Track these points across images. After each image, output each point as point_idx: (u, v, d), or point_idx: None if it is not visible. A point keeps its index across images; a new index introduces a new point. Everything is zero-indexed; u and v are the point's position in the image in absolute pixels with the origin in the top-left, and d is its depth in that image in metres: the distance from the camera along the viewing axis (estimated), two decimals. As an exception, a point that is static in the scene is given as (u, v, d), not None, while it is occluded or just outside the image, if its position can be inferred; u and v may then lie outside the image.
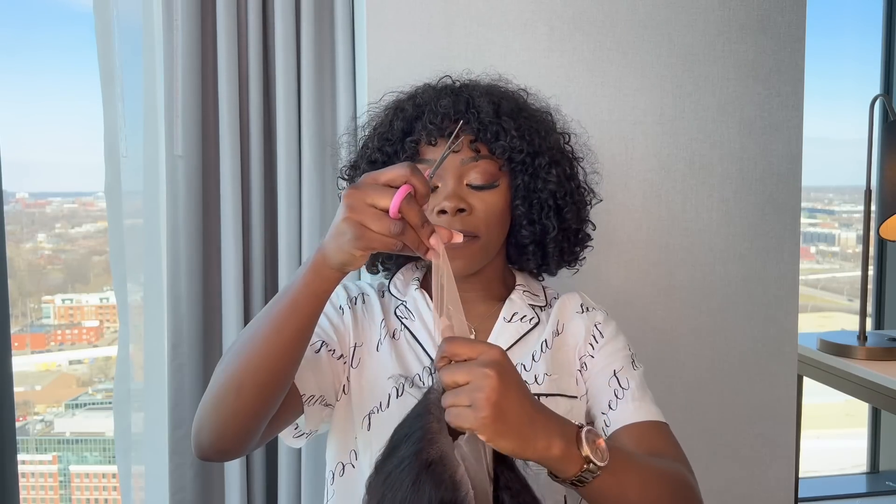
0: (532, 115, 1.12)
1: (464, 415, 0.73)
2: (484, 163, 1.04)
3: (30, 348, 3.24)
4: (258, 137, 1.50)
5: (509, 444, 0.74)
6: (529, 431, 0.75)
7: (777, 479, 1.64)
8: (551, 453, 0.76)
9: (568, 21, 1.49)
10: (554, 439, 0.76)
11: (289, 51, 1.49)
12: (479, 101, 1.06)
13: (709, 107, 1.55)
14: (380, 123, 1.12)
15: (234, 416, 0.85)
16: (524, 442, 0.75)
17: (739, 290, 1.59)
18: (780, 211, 1.59)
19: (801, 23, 1.57)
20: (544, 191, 1.07)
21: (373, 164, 1.08)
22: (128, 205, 1.55)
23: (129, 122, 1.52)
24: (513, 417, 0.74)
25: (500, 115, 1.06)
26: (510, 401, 0.74)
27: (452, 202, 1.00)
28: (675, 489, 0.90)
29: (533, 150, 1.07)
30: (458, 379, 0.74)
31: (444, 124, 1.03)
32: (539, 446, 0.76)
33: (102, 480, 3.40)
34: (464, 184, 1.03)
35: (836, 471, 2.60)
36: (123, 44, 1.51)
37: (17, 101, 3.38)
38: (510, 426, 0.74)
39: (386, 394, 1.02)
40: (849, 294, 2.90)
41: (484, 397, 0.72)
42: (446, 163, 1.03)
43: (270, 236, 1.55)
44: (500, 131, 1.04)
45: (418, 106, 1.08)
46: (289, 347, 0.83)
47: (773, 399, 1.63)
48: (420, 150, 1.05)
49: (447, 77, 1.15)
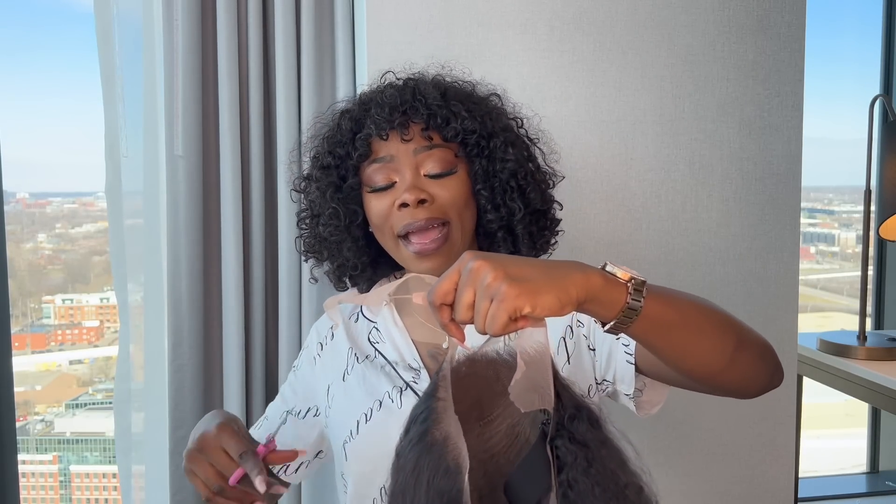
0: (481, 100, 1.09)
1: (495, 312, 0.66)
2: (438, 151, 1.01)
3: (30, 348, 3.24)
4: (258, 137, 1.50)
5: (550, 294, 0.67)
6: (558, 275, 0.69)
7: (777, 479, 1.64)
8: (593, 282, 0.70)
9: (568, 21, 1.49)
10: (587, 272, 0.70)
11: (289, 51, 1.49)
12: (425, 89, 1.04)
13: (709, 107, 1.55)
14: (327, 130, 1.09)
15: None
16: (561, 286, 0.68)
17: (739, 290, 1.59)
18: (779, 211, 1.59)
19: (801, 23, 1.57)
20: (504, 171, 1.04)
21: (325, 170, 1.06)
22: (128, 205, 1.55)
23: (129, 122, 1.52)
24: (532, 274, 0.68)
25: (447, 100, 1.03)
26: (516, 266, 0.69)
27: (413, 194, 0.98)
28: (725, 312, 0.82)
29: (486, 132, 1.04)
30: (466, 299, 0.68)
31: (392, 116, 1.01)
32: (578, 281, 0.69)
33: (102, 480, 3.40)
34: (421, 174, 1.01)
35: (836, 471, 2.60)
36: (123, 44, 1.51)
37: (18, 101, 3.38)
38: (537, 282, 0.68)
39: (355, 421, 1.02)
40: (849, 294, 2.90)
41: (493, 281, 0.67)
42: (400, 155, 1.01)
43: (270, 236, 1.55)
44: (449, 115, 1.02)
45: (363, 103, 1.06)
46: None
47: (773, 399, 1.62)
48: (372, 147, 1.03)
49: (389, 73, 1.12)
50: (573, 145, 1.50)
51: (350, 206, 1.05)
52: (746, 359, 0.82)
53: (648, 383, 0.99)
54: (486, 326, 0.67)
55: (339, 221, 1.06)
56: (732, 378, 0.83)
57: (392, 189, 1.01)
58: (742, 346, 0.81)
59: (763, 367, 0.85)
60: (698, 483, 1.60)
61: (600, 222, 1.54)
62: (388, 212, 1.01)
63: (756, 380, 0.86)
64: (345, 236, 1.07)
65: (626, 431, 0.91)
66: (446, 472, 0.68)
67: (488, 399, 0.72)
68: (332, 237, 1.07)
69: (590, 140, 1.51)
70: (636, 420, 1.56)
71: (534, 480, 0.70)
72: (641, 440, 1.56)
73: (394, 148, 1.01)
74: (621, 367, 0.98)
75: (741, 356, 0.81)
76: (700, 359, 0.80)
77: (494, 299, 0.67)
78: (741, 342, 0.81)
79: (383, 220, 1.02)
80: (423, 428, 0.70)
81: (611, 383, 1.01)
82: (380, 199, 1.02)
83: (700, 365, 0.80)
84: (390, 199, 1.01)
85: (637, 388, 0.98)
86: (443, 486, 0.68)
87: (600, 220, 1.53)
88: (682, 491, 1.59)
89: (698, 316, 0.78)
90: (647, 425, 1.57)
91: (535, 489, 0.69)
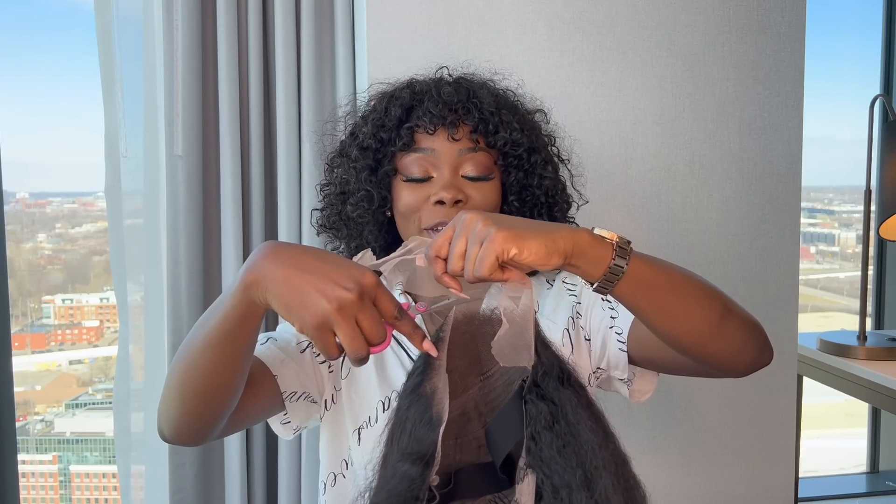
0: (528, 114, 1.12)
1: (484, 254, 0.70)
2: (481, 154, 1.03)
3: (30, 348, 3.24)
4: (258, 137, 1.50)
5: (537, 242, 0.71)
6: (546, 229, 0.73)
7: (777, 479, 1.64)
8: (581, 237, 0.73)
9: (568, 21, 1.49)
10: (574, 230, 0.74)
11: (289, 51, 1.49)
12: (480, 93, 1.06)
13: (709, 107, 1.55)
14: (372, 110, 1.09)
15: (183, 417, 0.84)
16: (548, 237, 0.72)
17: (739, 290, 1.59)
18: (780, 211, 1.59)
19: (801, 23, 1.57)
20: (540, 187, 1.07)
21: (364, 151, 1.06)
22: (128, 205, 1.55)
23: (129, 122, 1.52)
24: (521, 224, 0.72)
25: (499, 108, 1.05)
26: (507, 218, 0.73)
27: (451, 193, 0.99)
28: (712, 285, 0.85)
29: (530, 146, 1.06)
30: (459, 248, 0.72)
31: (444, 113, 1.02)
32: (566, 234, 0.73)
33: (102, 480, 3.40)
34: (459, 174, 1.02)
35: (836, 471, 2.60)
36: (123, 44, 1.51)
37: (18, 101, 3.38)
38: (525, 230, 0.71)
39: (374, 407, 1.01)
40: (849, 294, 2.90)
41: (483, 227, 0.71)
42: (443, 152, 1.02)
43: (270, 236, 1.55)
44: (500, 124, 1.04)
45: (417, 94, 1.06)
46: (225, 360, 0.79)
47: (773, 399, 1.63)
48: (415, 139, 1.03)
49: (444, 68, 1.13)
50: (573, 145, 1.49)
51: (382, 192, 1.06)
52: (733, 328, 0.83)
53: (638, 373, 1.02)
54: (475, 269, 0.70)
55: (370, 205, 1.06)
56: (720, 347, 0.84)
57: (428, 183, 1.02)
58: (728, 314, 0.83)
59: (750, 340, 0.86)
60: (698, 483, 1.60)
61: (600, 222, 1.53)
62: (420, 205, 1.02)
63: (744, 352, 0.86)
64: (370, 219, 1.07)
65: (627, 430, 0.90)
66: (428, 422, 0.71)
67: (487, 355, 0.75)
68: (360, 219, 1.07)
69: (590, 140, 1.51)
70: (636, 420, 1.57)
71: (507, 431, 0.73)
72: (641, 440, 1.57)
73: (438, 143, 1.02)
74: (614, 354, 1.00)
75: (728, 324, 0.83)
76: (687, 323, 0.81)
77: (484, 242, 0.70)
78: (727, 310, 0.83)
79: (412, 212, 1.03)
80: (418, 380, 0.74)
81: (605, 370, 1.03)
82: (413, 190, 1.02)
83: (687, 330, 0.81)
84: (424, 193, 1.01)
85: (628, 377, 1.01)
86: (422, 434, 0.71)
87: (600, 220, 1.53)
88: (682, 491, 1.59)
89: (683, 281, 0.80)
90: (647, 425, 1.57)
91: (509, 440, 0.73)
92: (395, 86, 1.11)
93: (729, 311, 0.83)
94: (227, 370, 0.80)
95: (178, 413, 0.84)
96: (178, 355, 0.82)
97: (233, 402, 0.85)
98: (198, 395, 0.81)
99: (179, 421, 0.85)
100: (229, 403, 0.85)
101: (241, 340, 0.78)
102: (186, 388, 0.81)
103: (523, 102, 1.14)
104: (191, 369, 0.80)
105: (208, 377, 0.80)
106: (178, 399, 0.82)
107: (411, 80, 1.11)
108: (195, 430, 0.86)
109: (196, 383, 0.80)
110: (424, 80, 1.11)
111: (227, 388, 0.82)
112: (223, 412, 0.85)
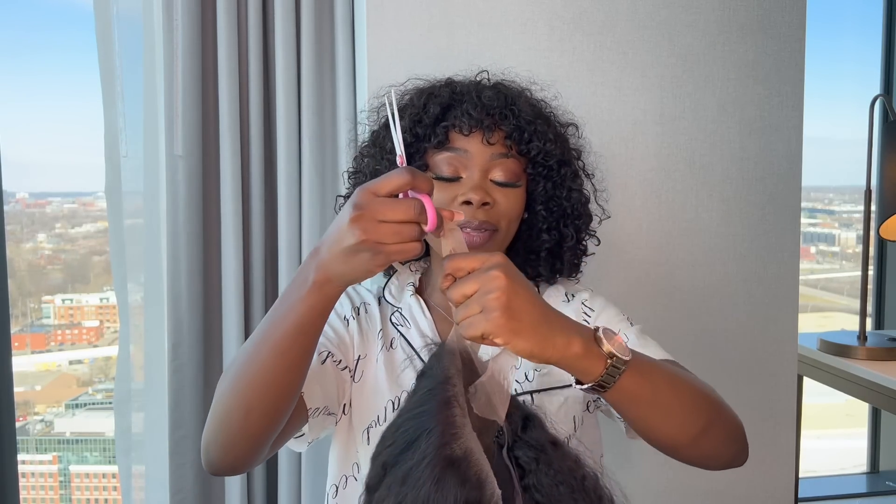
0: (562, 126, 1.14)
1: (476, 322, 0.70)
2: (512, 161, 1.04)
3: (30, 348, 3.24)
4: (258, 137, 1.50)
5: (527, 343, 0.71)
6: (546, 330, 0.72)
7: (777, 479, 1.64)
8: (572, 350, 0.73)
9: (568, 21, 1.49)
10: (573, 336, 0.74)
11: (289, 51, 1.49)
12: (518, 101, 1.07)
13: (709, 107, 1.55)
14: (408, 104, 1.10)
15: (242, 436, 0.83)
16: (542, 340, 0.72)
17: (739, 290, 1.59)
18: (780, 211, 1.59)
19: (801, 23, 1.57)
20: (569, 199, 1.08)
21: None
22: (128, 205, 1.55)
23: (129, 122, 1.52)
24: (526, 316, 0.71)
25: (536, 118, 1.06)
26: (521, 300, 0.71)
27: (479, 195, 1.00)
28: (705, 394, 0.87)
29: (561, 158, 1.08)
30: (466, 290, 0.71)
31: (482, 116, 1.03)
32: (558, 343, 0.73)
33: (102, 480, 3.40)
34: (488, 178, 1.03)
35: (836, 471, 2.60)
36: (123, 44, 1.51)
37: (18, 101, 3.38)
38: (525, 324, 0.71)
39: (382, 407, 1.02)
40: (849, 294, 2.90)
41: (494, 298, 0.70)
42: (476, 154, 1.02)
43: (270, 236, 1.55)
44: (535, 134, 1.05)
45: (456, 94, 1.07)
46: (294, 367, 0.81)
47: (773, 399, 1.63)
48: (450, 138, 1.04)
49: (484, 72, 1.15)
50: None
51: None
52: (710, 441, 0.86)
53: None
54: (461, 327, 0.72)
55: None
56: (692, 455, 0.87)
57: (457, 183, 1.03)
58: (709, 429, 0.85)
59: (727, 449, 0.89)
60: (698, 483, 1.60)
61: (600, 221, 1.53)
62: (447, 203, 1.02)
63: (718, 459, 0.90)
64: None
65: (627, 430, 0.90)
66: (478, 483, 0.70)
67: None
68: None
69: (590, 140, 1.50)
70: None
71: None
72: (642, 440, 1.57)
73: (471, 145, 1.03)
74: None
75: (705, 439, 0.85)
76: (662, 434, 0.84)
77: (483, 312, 0.70)
78: (710, 425, 0.85)
79: None
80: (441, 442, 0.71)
81: (605, 404, 1.04)
82: (441, 188, 1.03)
83: (662, 438, 0.85)
84: (452, 192, 1.02)
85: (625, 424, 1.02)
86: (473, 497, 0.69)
87: (600, 220, 1.53)
88: (682, 491, 1.59)
89: (671, 396, 0.82)
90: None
91: None
92: (433, 83, 1.12)
93: (711, 424, 0.85)
94: (296, 375, 0.82)
95: (239, 433, 0.82)
96: (235, 373, 0.82)
97: (288, 414, 0.86)
98: (263, 405, 0.81)
99: (238, 440, 0.83)
100: (286, 414, 0.85)
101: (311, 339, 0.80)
102: (252, 401, 0.81)
103: (556, 115, 1.15)
104: (258, 381, 0.80)
105: (277, 386, 0.81)
106: (241, 416, 0.81)
107: (450, 79, 1.13)
108: (253, 450, 0.85)
109: (263, 393, 0.81)
110: (464, 81, 1.12)
111: (290, 398, 0.83)
112: (280, 425, 0.85)
